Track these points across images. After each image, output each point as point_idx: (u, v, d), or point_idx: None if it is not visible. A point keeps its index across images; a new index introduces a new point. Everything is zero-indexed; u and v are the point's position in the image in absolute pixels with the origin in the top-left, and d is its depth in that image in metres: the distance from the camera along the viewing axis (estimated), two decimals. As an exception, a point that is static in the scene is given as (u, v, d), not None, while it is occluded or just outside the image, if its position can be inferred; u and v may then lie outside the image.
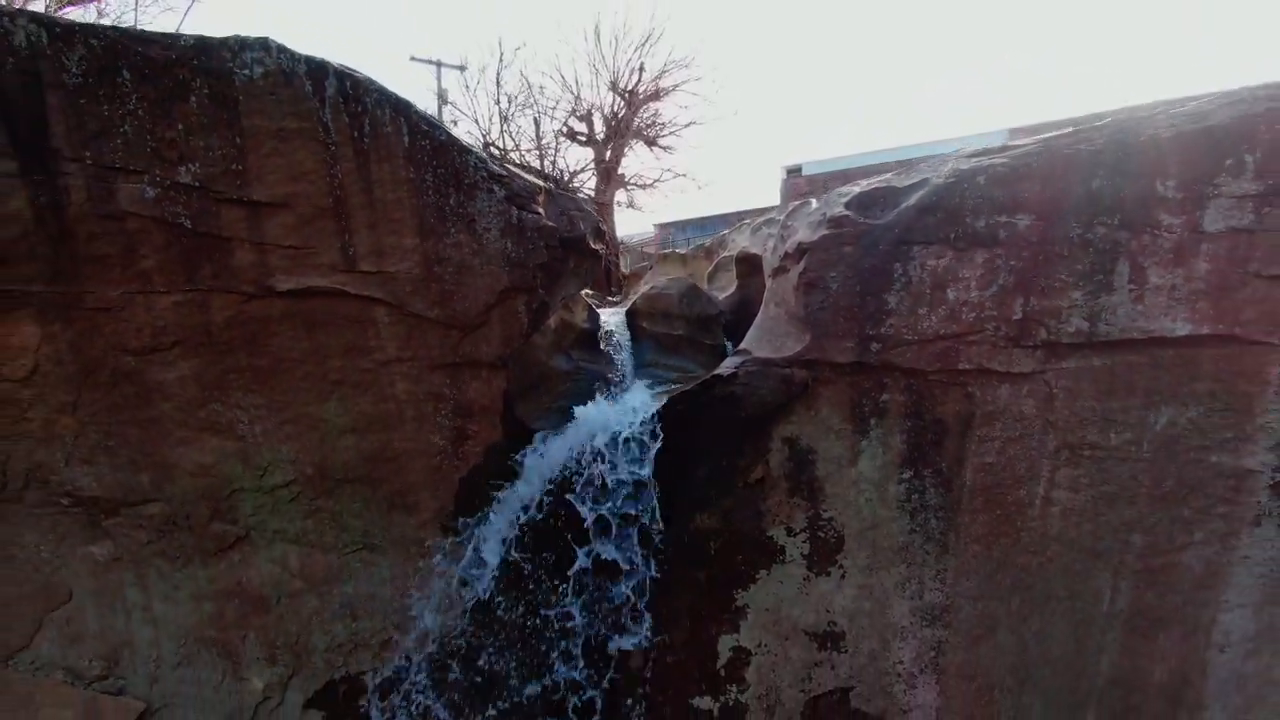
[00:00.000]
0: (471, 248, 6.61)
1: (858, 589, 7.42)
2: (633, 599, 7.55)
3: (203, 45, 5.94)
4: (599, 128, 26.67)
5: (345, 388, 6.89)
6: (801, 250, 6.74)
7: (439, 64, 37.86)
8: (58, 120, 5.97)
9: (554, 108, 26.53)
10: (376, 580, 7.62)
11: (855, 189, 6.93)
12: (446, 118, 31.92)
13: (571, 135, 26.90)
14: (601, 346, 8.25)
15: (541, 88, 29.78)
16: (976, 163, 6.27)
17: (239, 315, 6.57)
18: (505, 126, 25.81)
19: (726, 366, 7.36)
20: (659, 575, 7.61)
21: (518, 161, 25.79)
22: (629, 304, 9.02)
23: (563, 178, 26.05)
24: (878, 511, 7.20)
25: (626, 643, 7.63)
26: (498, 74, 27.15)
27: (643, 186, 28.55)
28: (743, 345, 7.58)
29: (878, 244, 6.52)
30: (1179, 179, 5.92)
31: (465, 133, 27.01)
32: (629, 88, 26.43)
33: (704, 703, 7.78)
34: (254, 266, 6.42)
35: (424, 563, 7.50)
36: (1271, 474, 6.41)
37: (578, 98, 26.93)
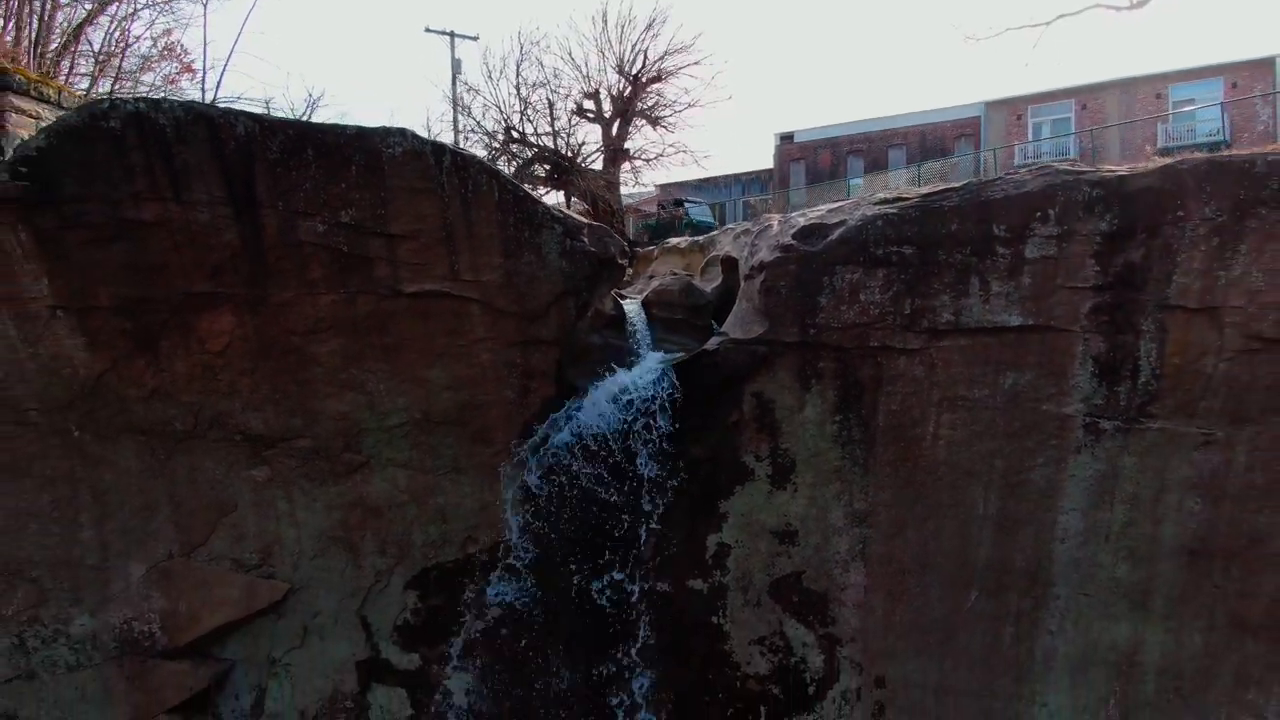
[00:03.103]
0: (538, 265, 9.54)
1: (807, 499, 10.31)
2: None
3: (361, 132, 8.86)
4: (606, 107, 29.17)
5: (446, 358, 9.78)
6: (762, 266, 9.70)
7: (452, 35, 39.82)
8: (261, 181, 8.86)
9: (568, 95, 28.91)
10: (461, 494, 10.46)
11: (801, 220, 9.84)
12: (460, 89, 34.22)
13: (581, 112, 29.41)
14: (624, 328, 11.15)
15: (555, 72, 32.08)
16: (879, 210, 9.24)
17: (376, 309, 9.46)
18: (525, 113, 28.38)
19: (712, 343, 10.32)
20: (665, 488, 10.46)
21: (536, 143, 28.38)
22: (643, 296, 11.89)
23: (574, 155, 28.57)
24: (819, 444, 10.11)
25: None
26: (518, 65, 29.48)
27: (647, 161, 31.10)
28: (723, 328, 10.49)
29: (812, 263, 9.46)
30: (1007, 224, 8.88)
31: (492, 120, 29.38)
32: (633, 72, 28.93)
33: (696, 584, 10.68)
34: (388, 277, 9.34)
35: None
36: (1083, 418, 9.34)
37: (587, 77, 29.42)
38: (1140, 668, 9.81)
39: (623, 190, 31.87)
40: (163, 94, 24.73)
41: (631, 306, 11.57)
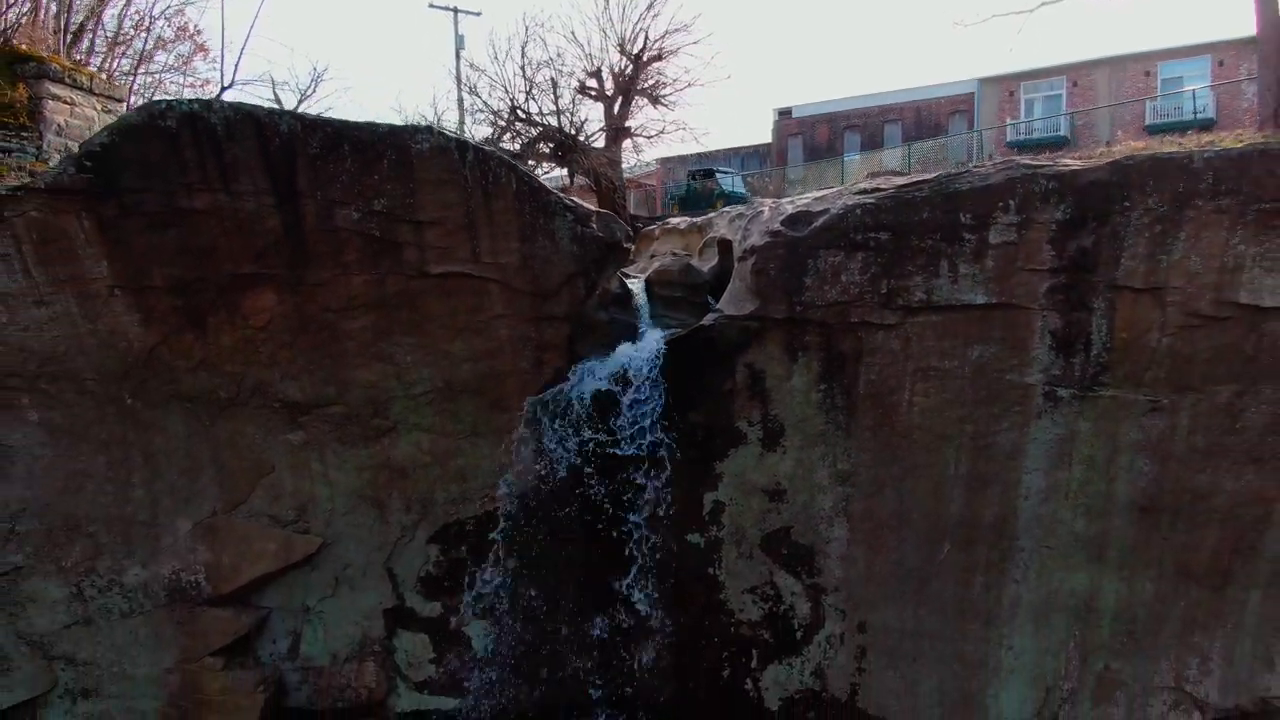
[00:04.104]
0: (552, 249, 10.48)
1: (794, 461, 11.26)
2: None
3: (393, 130, 9.80)
4: (609, 86, 29.86)
5: (468, 332, 10.73)
6: (753, 249, 10.66)
7: (456, 11, 40.49)
8: (302, 173, 9.79)
9: (571, 73, 29.60)
10: (479, 456, 11.40)
11: (789, 208, 10.77)
12: (465, 67, 34.99)
13: (584, 90, 30.08)
14: (629, 305, 12.08)
15: (559, 51, 32.87)
16: (858, 200, 10.17)
17: (404, 288, 10.41)
18: (530, 92, 29.08)
19: (708, 319, 11.25)
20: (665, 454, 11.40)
21: (540, 122, 29.14)
22: (646, 275, 12.80)
23: (577, 133, 29.31)
24: (805, 410, 11.06)
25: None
26: (523, 46, 30.29)
27: (648, 138, 31.78)
28: (719, 305, 11.41)
29: (799, 248, 10.42)
30: (973, 213, 9.83)
31: (498, 100, 30.13)
32: (635, 51, 29.59)
33: (694, 538, 11.66)
34: (416, 259, 10.27)
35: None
36: (1043, 387, 10.27)
37: (590, 56, 30.08)
38: (1097, 613, 10.79)
39: (623, 166, 32.50)
40: (178, 75, 25.58)
41: (635, 285, 12.55)
